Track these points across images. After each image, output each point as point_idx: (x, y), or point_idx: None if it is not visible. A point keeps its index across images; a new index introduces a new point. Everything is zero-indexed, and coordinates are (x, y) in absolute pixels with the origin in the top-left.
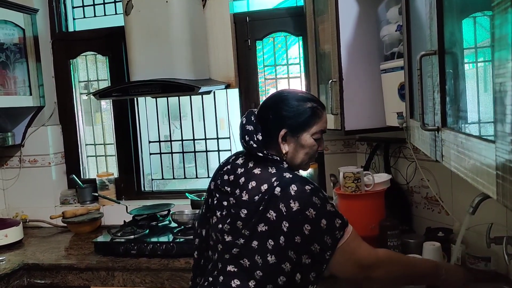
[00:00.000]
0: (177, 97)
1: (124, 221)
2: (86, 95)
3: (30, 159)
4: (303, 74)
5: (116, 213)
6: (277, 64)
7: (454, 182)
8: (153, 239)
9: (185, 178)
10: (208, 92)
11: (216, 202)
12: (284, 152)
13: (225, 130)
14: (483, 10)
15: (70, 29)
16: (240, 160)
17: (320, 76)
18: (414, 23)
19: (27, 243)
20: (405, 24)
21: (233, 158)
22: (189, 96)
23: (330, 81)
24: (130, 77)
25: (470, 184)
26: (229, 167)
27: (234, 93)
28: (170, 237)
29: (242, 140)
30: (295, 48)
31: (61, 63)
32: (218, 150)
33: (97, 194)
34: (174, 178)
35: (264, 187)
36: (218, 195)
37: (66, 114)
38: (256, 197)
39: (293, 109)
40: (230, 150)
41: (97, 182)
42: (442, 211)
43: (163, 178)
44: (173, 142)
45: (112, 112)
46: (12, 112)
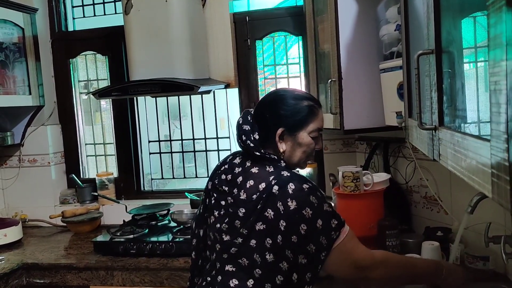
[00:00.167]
0: (177, 97)
1: (124, 221)
2: (86, 95)
3: (30, 159)
4: (303, 74)
5: (116, 213)
6: (277, 64)
7: (453, 182)
8: (153, 239)
9: (185, 178)
10: (208, 92)
11: (214, 202)
12: (282, 151)
13: (225, 130)
14: (484, 10)
15: (70, 29)
16: (238, 160)
17: (320, 76)
18: (413, 23)
19: (27, 243)
20: (404, 24)
21: (231, 158)
22: (189, 96)
23: (330, 81)
24: (130, 77)
25: (469, 184)
26: (227, 167)
27: (234, 93)
28: (170, 237)
29: (239, 140)
30: (295, 48)
31: (61, 63)
32: (218, 150)
33: (97, 194)
34: (174, 178)
35: (262, 186)
36: (216, 195)
37: (66, 114)
38: (254, 196)
39: (290, 108)
40: (230, 150)
41: (97, 182)
42: (441, 211)
43: (163, 178)
44: (173, 142)
45: (112, 112)
46: (12, 112)
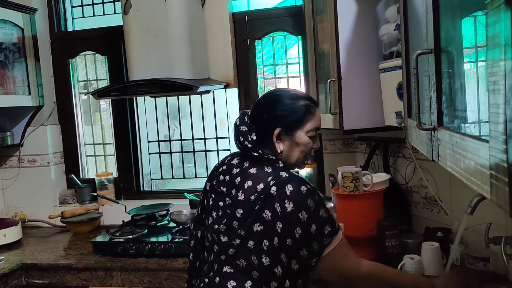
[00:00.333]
0: (176, 97)
1: (123, 221)
2: (85, 95)
3: (29, 159)
4: (302, 74)
5: (115, 213)
6: (276, 64)
7: (453, 182)
8: (152, 239)
9: (184, 178)
10: (207, 92)
11: (212, 203)
12: (279, 151)
13: (225, 130)
14: (484, 9)
15: (69, 29)
16: (236, 161)
17: (319, 76)
18: (412, 22)
19: (26, 243)
20: (403, 23)
21: (229, 159)
22: (188, 96)
23: (329, 81)
24: (129, 77)
25: (467, 185)
26: (225, 168)
27: (233, 93)
28: (169, 237)
29: (237, 141)
30: (294, 48)
31: (60, 63)
32: (217, 150)
33: (96, 194)
34: (173, 178)
35: (260, 186)
36: (214, 196)
37: (65, 114)
38: (252, 197)
39: (287, 108)
40: (229, 150)
41: (96, 182)
42: (441, 211)
43: (162, 178)
44: (172, 142)
45: (111, 112)
46: (11, 112)
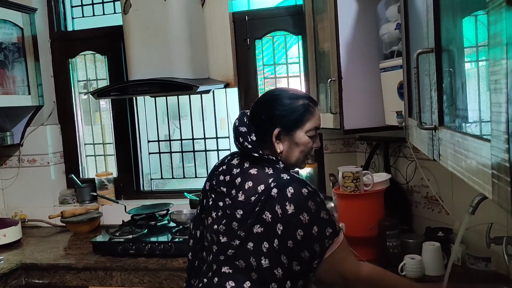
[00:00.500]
0: (176, 97)
1: (123, 221)
2: (85, 95)
3: (29, 159)
4: (303, 73)
5: (115, 213)
6: (277, 63)
7: (454, 182)
8: (152, 239)
9: (184, 178)
10: (207, 91)
11: (212, 203)
12: (279, 151)
13: (225, 130)
14: (485, 9)
15: (69, 29)
16: (236, 161)
17: (320, 75)
18: (413, 21)
19: (26, 243)
20: (404, 22)
21: (229, 159)
22: (188, 96)
23: (329, 80)
24: (129, 76)
25: (469, 184)
26: (225, 168)
27: (234, 93)
28: (169, 237)
29: (236, 142)
30: (295, 47)
31: (60, 63)
32: (218, 150)
33: (96, 194)
34: (173, 178)
35: (261, 188)
36: (214, 196)
37: (65, 114)
38: (253, 198)
39: (286, 108)
40: (230, 150)
41: (96, 182)
42: (442, 211)
43: (162, 178)
44: (172, 142)
45: (111, 112)
46: (11, 112)
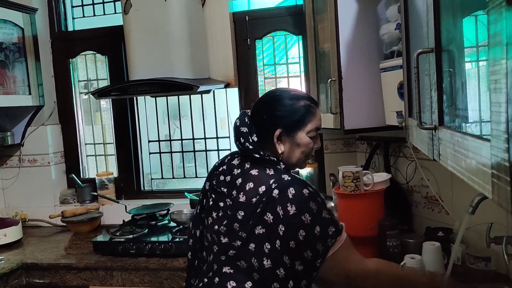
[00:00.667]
0: (177, 97)
1: (123, 221)
2: (86, 95)
3: (30, 159)
4: (303, 73)
5: (116, 213)
6: (277, 63)
7: (454, 182)
8: (152, 239)
9: (185, 178)
10: (208, 91)
11: (212, 203)
12: (280, 152)
13: (225, 130)
14: (485, 9)
15: (70, 29)
16: (236, 161)
17: (320, 75)
18: (413, 21)
19: (26, 243)
20: (404, 22)
21: (229, 158)
22: (189, 96)
23: (330, 80)
24: (129, 76)
25: (469, 184)
26: (225, 168)
27: (234, 92)
28: (169, 237)
29: (237, 142)
30: (295, 47)
31: (61, 63)
32: (218, 150)
33: (97, 194)
34: (174, 178)
35: (262, 189)
36: (214, 196)
37: (66, 114)
38: (254, 199)
39: (287, 108)
40: (230, 149)
41: (97, 182)
42: (442, 211)
43: (163, 178)
44: (173, 142)
45: (112, 112)
46: (12, 112)
